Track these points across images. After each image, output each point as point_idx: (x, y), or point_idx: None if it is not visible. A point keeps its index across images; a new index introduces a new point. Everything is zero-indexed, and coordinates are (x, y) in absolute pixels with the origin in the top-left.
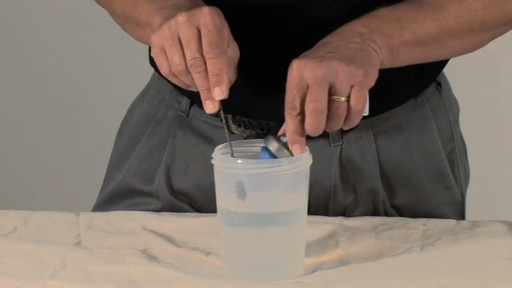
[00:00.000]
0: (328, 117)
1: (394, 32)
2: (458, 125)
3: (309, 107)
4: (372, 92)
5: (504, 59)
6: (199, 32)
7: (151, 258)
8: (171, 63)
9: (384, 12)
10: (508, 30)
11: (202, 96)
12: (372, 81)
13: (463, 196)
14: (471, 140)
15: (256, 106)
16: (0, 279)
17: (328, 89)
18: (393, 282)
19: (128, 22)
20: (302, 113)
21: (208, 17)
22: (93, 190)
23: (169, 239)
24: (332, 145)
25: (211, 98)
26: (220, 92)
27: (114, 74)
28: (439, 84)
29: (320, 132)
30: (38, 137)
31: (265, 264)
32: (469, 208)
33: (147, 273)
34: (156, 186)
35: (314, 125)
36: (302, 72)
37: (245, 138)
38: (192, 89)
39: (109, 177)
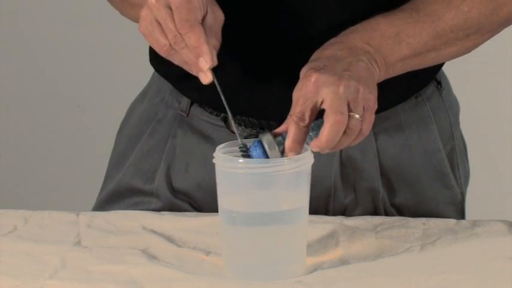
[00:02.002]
0: (344, 134)
1: (393, 50)
2: (458, 124)
3: (331, 118)
4: None
5: (504, 58)
6: (172, 10)
7: (152, 257)
8: (158, 48)
9: (383, 26)
10: (504, 28)
11: (194, 70)
12: (377, 105)
13: (463, 195)
14: (471, 139)
15: (256, 105)
16: (0, 279)
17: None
18: (393, 282)
19: (124, 5)
20: (308, 125)
21: None
22: (93, 190)
23: (170, 239)
24: None
25: (201, 69)
26: (204, 62)
27: (114, 74)
28: (439, 83)
29: (332, 146)
30: (38, 137)
31: (266, 264)
32: (469, 207)
33: (147, 272)
34: (156, 186)
35: (333, 136)
36: (320, 87)
37: (245, 138)
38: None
39: (109, 177)
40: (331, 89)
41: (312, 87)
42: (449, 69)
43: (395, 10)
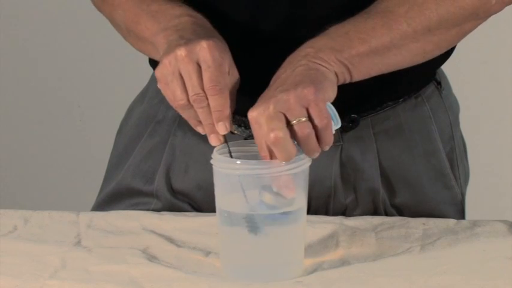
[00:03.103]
0: (300, 143)
1: (343, 45)
2: (458, 124)
3: (269, 139)
4: (365, 85)
5: (504, 58)
6: (199, 66)
7: (152, 257)
8: (173, 99)
9: (332, 29)
10: (476, 26)
11: (207, 130)
12: (327, 94)
13: (463, 196)
14: (471, 139)
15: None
16: (0, 279)
17: (283, 118)
18: (393, 282)
19: (130, 35)
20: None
21: (207, 52)
22: (93, 190)
23: (169, 239)
24: (332, 145)
25: (215, 132)
26: (224, 127)
27: (114, 74)
28: (439, 83)
29: (292, 158)
30: (38, 136)
31: (264, 265)
32: (468, 208)
33: (147, 272)
34: (156, 186)
35: (283, 153)
36: (258, 120)
37: (245, 139)
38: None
39: (108, 178)
40: (263, 115)
41: (254, 124)
42: (449, 69)
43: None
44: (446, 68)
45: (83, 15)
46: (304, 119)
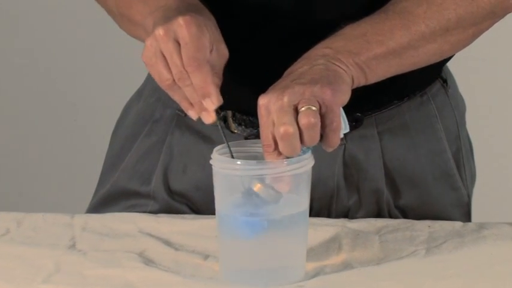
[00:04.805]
0: (303, 130)
1: (361, 48)
2: (464, 123)
3: (279, 132)
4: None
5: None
6: (179, 44)
7: (148, 261)
8: (160, 80)
9: (348, 30)
10: (492, 25)
11: (197, 108)
12: (343, 98)
13: (469, 197)
14: (477, 139)
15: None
16: None
17: (294, 111)
18: (398, 286)
19: (123, 21)
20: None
21: (183, 29)
22: (88, 191)
23: (167, 242)
24: None
25: (205, 109)
26: (210, 103)
27: (109, 72)
28: (445, 81)
29: (296, 154)
30: (31, 137)
31: (264, 269)
32: (475, 209)
33: (143, 277)
34: (153, 188)
35: (288, 149)
36: (268, 107)
37: (246, 138)
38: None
39: (104, 179)
40: (275, 104)
41: (263, 111)
42: (455, 67)
43: (364, 18)
44: (452, 65)
45: (77, 11)
46: (314, 108)
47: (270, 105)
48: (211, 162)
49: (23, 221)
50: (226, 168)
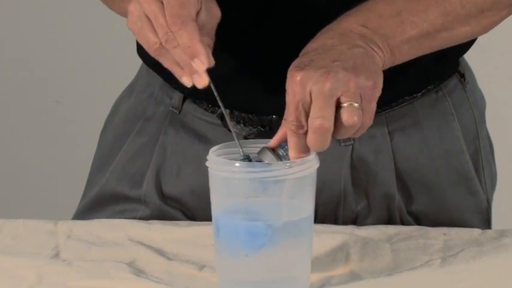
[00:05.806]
0: (341, 127)
1: (395, 31)
2: (484, 122)
3: (314, 124)
4: None
5: None
6: (163, 4)
7: (139, 272)
8: (148, 45)
9: (381, 5)
10: None
11: (187, 71)
12: (379, 92)
13: (488, 202)
14: (498, 138)
15: (256, 100)
16: None
17: (335, 104)
18: None
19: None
20: (307, 130)
21: None
22: (74, 196)
23: (159, 251)
24: (342, 144)
25: (196, 71)
26: (200, 63)
27: (97, 65)
28: (462, 76)
29: (323, 149)
30: (10, 135)
31: (265, 281)
32: (495, 216)
33: None
34: (144, 191)
35: (318, 143)
36: (306, 86)
37: (245, 137)
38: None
39: (91, 181)
40: (317, 87)
41: (299, 88)
42: (474, 61)
43: None
44: (470, 59)
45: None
46: (357, 105)
47: (308, 84)
48: (207, 164)
49: (1, 229)
50: (224, 170)
